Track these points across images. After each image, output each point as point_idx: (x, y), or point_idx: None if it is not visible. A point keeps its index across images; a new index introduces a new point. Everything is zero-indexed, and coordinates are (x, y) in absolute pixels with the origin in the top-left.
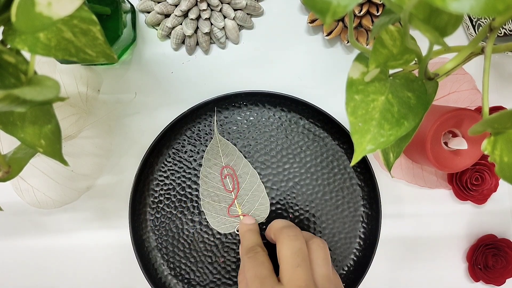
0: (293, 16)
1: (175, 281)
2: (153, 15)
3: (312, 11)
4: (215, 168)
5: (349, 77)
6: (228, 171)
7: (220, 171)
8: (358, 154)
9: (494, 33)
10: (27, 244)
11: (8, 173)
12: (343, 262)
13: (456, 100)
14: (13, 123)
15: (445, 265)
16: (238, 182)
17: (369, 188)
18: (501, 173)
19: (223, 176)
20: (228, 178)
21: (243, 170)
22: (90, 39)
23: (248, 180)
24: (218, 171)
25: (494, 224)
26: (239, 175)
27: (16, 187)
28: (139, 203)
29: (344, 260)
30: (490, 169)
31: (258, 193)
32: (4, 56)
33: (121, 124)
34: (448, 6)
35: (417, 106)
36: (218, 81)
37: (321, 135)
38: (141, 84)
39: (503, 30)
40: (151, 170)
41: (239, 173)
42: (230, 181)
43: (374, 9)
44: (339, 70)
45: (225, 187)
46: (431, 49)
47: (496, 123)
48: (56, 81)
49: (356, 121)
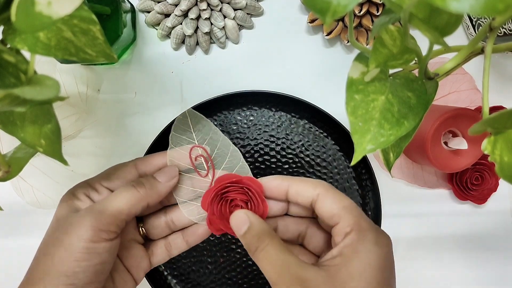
0: (293, 16)
1: (175, 281)
2: (153, 15)
3: (312, 10)
4: (186, 148)
5: (349, 77)
6: (195, 152)
7: (189, 152)
8: (358, 154)
9: (494, 33)
10: (27, 244)
11: (8, 172)
12: None
13: (456, 100)
14: (13, 123)
15: (445, 265)
16: (214, 164)
17: (369, 188)
18: (501, 173)
19: (194, 158)
20: (200, 160)
21: (221, 149)
22: (90, 39)
23: (228, 161)
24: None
25: (494, 223)
26: (217, 155)
27: (16, 186)
28: None
29: None
30: (490, 168)
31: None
32: (4, 56)
33: (121, 124)
34: (448, 5)
35: (417, 106)
36: (218, 81)
37: (321, 135)
38: (141, 84)
39: (503, 29)
40: None
41: (217, 152)
42: (203, 164)
43: (374, 9)
44: (339, 70)
45: (198, 172)
46: (431, 49)
47: (496, 123)
48: (56, 80)
49: (356, 120)
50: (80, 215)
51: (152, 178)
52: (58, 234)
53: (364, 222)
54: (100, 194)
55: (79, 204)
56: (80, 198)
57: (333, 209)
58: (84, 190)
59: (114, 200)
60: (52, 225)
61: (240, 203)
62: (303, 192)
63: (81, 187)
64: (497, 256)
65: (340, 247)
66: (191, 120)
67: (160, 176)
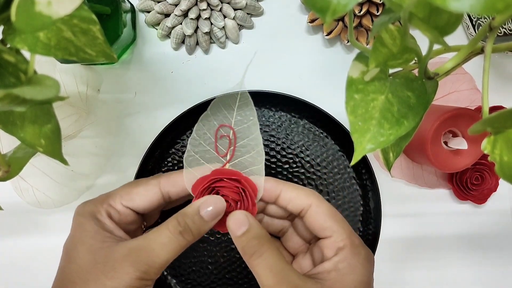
0: (293, 15)
1: (175, 281)
2: (153, 15)
3: (312, 10)
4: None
5: (349, 77)
6: (226, 131)
7: (216, 130)
8: (358, 154)
9: (494, 33)
10: (27, 244)
11: (8, 172)
12: None
13: (456, 99)
14: (13, 123)
15: (445, 264)
16: (235, 149)
17: (369, 188)
18: (501, 173)
19: (218, 136)
20: (223, 140)
21: (251, 143)
22: (90, 39)
23: (249, 156)
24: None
25: (494, 223)
26: (243, 145)
27: (16, 186)
28: None
29: None
30: (490, 168)
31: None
32: (4, 56)
33: (121, 124)
34: (448, 5)
35: (417, 106)
36: (218, 81)
37: (321, 135)
38: (141, 83)
39: (503, 29)
40: (151, 170)
41: (245, 142)
42: (225, 145)
43: (374, 9)
44: (339, 69)
45: (217, 148)
46: (431, 49)
47: (496, 123)
48: (56, 80)
49: (356, 120)
50: (123, 258)
51: (199, 219)
52: (98, 272)
53: (356, 239)
54: (121, 215)
55: (104, 225)
56: (102, 217)
57: (326, 222)
58: (106, 208)
59: (162, 251)
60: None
61: (231, 202)
62: (295, 199)
63: (100, 203)
64: (497, 256)
65: (334, 261)
66: (239, 100)
67: (209, 213)
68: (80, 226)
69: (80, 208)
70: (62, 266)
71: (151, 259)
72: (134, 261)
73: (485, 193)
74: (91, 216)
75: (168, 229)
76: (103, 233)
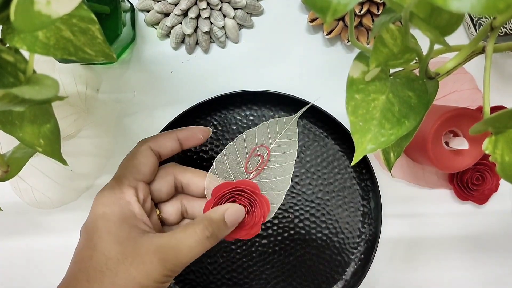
0: (293, 15)
1: (174, 281)
2: (153, 14)
3: (313, 10)
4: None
5: (350, 76)
6: (262, 151)
7: (254, 147)
8: (358, 154)
9: (495, 32)
10: (26, 244)
11: (7, 172)
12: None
13: (456, 99)
14: (12, 123)
15: (446, 265)
16: (262, 169)
17: (370, 188)
18: (502, 173)
19: (254, 154)
20: (256, 158)
21: (280, 169)
22: (89, 38)
23: (275, 181)
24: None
25: (495, 224)
26: (270, 169)
27: (15, 187)
28: None
29: None
30: (491, 168)
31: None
32: (3, 55)
33: (120, 124)
34: (449, 5)
35: (418, 106)
36: (218, 80)
37: (321, 135)
38: (141, 83)
39: (504, 29)
40: None
41: (275, 167)
42: (256, 163)
43: (374, 8)
44: (340, 69)
45: (247, 164)
46: (432, 48)
47: (497, 123)
48: (55, 80)
49: (357, 120)
50: (153, 254)
51: (224, 225)
52: (127, 265)
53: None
54: (139, 190)
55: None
56: (127, 201)
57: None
58: (129, 190)
59: (190, 253)
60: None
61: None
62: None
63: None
64: (497, 256)
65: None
66: (287, 130)
67: (232, 221)
68: (104, 215)
69: (99, 195)
70: (85, 253)
71: (179, 259)
72: (163, 259)
73: (486, 193)
74: (113, 203)
75: (196, 233)
76: (129, 221)
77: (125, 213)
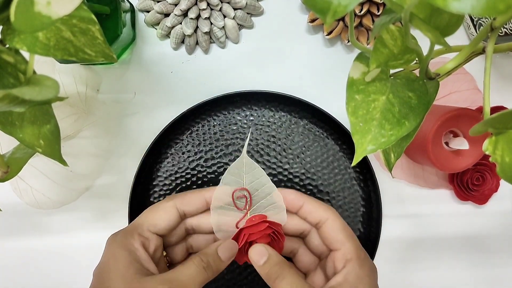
0: (293, 15)
1: None
2: (153, 15)
3: (313, 10)
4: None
5: (350, 77)
6: (242, 193)
7: (232, 193)
8: (359, 155)
9: (495, 33)
10: (26, 245)
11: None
12: None
13: (457, 100)
14: (12, 123)
15: (446, 265)
16: (251, 205)
17: (370, 189)
18: (503, 173)
19: (235, 197)
20: (240, 199)
21: (265, 190)
22: (89, 39)
23: (265, 200)
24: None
25: (495, 224)
26: (257, 195)
27: (15, 187)
28: (138, 203)
29: None
30: (491, 169)
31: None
32: (3, 56)
33: (120, 124)
34: (449, 6)
35: (418, 106)
36: (218, 81)
37: (321, 135)
38: (141, 83)
39: (504, 29)
40: (150, 170)
41: (258, 192)
42: (243, 202)
43: (374, 9)
44: (340, 69)
45: (236, 206)
46: (432, 49)
47: (497, 123)
48: (55, 80)
49: (357, 121)
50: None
51: (218, 259)
52: None
53: (362, 252)
54: (150, 241)
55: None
56: (136, 248)
57: (338, 234)
58: (138, 238)
59: (191, 282)
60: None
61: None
62: (315, 211)
63: (131, 234)
64: (498, 256)
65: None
66: (245, 167)
67: (225, 254)
68: (114, 256)
69: (112, 238)
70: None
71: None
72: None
73: (486, 193)
74: (123, 247)
75: (194, 264)
76: (135, 264)
77: (132, 257)
